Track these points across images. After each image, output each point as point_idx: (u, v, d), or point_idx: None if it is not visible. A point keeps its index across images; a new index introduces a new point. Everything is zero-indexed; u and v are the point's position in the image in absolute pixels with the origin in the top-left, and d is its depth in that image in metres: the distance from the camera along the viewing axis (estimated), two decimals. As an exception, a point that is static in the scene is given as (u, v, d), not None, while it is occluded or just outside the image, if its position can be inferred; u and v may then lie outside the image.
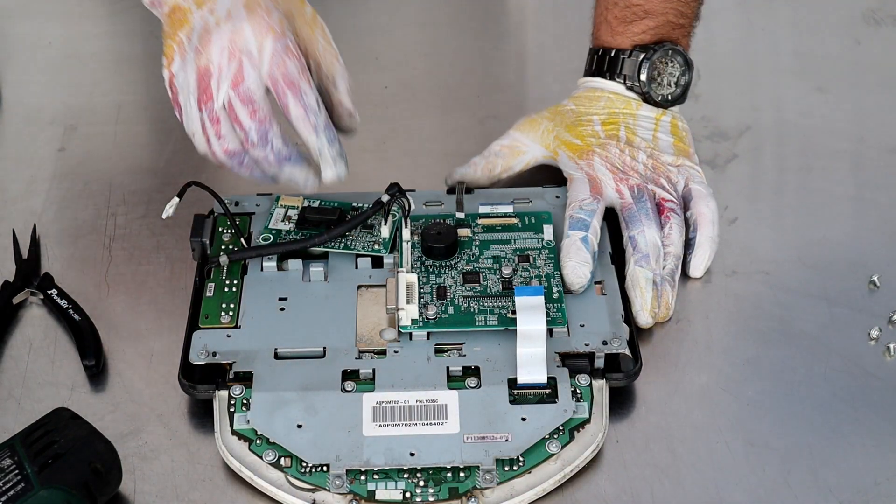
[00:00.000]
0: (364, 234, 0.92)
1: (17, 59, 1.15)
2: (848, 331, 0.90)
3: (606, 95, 0.98)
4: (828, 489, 0.80)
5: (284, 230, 0.93)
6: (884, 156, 1.04)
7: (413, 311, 0.86)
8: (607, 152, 0.95)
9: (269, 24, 0.84)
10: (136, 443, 0.83)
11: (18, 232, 0.97)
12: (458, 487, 0.79)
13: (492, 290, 0.88)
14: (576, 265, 0.89)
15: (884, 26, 1.16)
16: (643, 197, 0.93)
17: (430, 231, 0.91)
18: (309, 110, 0.85)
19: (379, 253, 0.91)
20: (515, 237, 0.92)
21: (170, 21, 0.86)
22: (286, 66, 0.84)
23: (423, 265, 0.90)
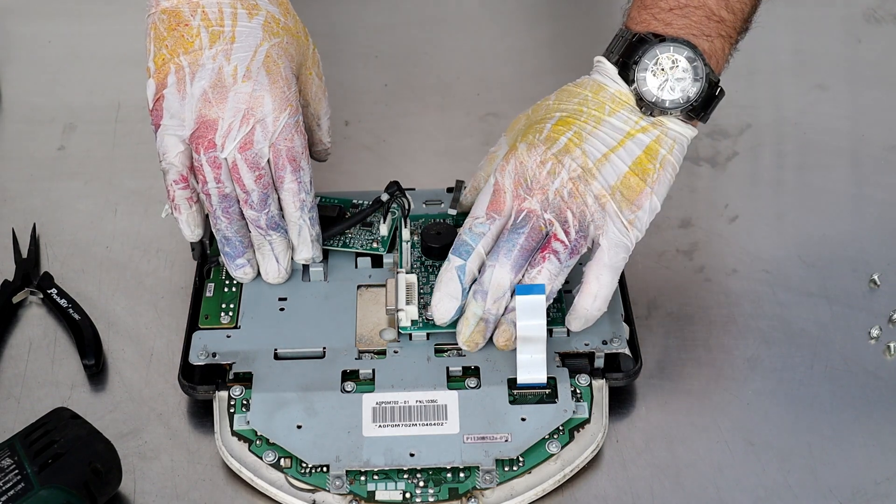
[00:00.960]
0: (363, 232, 0.92)
1: (17, 58, 1.15)
2: (848, 330, 0.90)
3: (585, 94, 0.85)
4: (828, 489, 0.80)
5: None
6: (884, 154, 1.04)
7: (413, 311, 0.86)
8: (526, 158, 0.84)
9: (287, 99, 0.85)
10: (136, 443, 0.83)
11: (18, 231, 0.97)
12: (457, 488, 0.79)
13: None
14: (441, 297, 0.84)
15: (884, 24, 1.16)
16: (522, 228, 0.82)
17: (429, 231, 0.91)
18: (302, 187, 0.87)
19: (377, 251, 0.91)
20: None
21: (168, 24, 0.85)
22: (293, 142, 0.86)
23: (423, 265, 0.90)
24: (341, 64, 1.13)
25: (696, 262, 0.95)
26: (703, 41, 0.84)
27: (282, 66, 0.86)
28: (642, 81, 0.83)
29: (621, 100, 0.84)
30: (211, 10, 0.85)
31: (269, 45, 0.85)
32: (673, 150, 0.84)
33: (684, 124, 0.84)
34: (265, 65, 0.85)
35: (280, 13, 0.87)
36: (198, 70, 0.84)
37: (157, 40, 0.85)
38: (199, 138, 0.84)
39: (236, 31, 0.85)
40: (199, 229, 0.88)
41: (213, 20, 0.85)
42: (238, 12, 0.86)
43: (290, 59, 0.87)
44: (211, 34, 0.85)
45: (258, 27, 0.86)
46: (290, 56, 0.87)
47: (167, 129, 0.85)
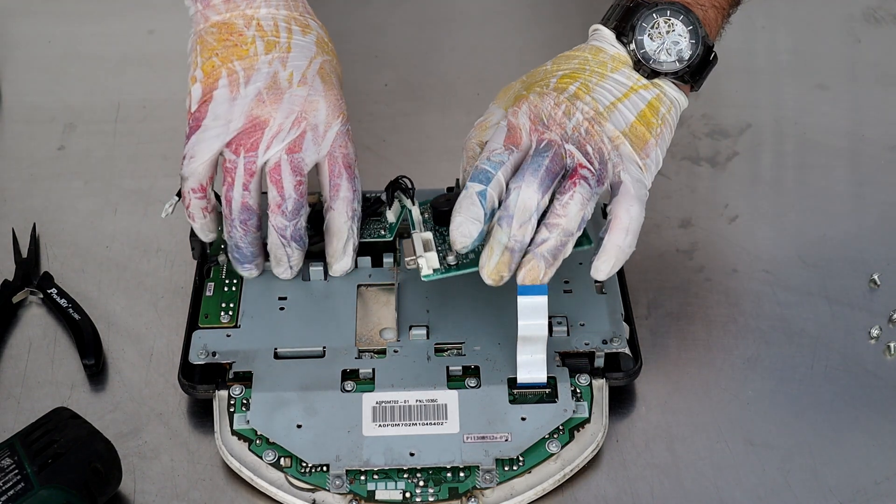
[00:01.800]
0: (371, 223, 0.92)
1: (18, 57, 1.15)
2: (848, 329, 0.90)
3: (584, 56, 0.85)
4: (828, 489, 0.80)
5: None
6: (884, 154, 1.04)
7: (433, 258, 0.84)
8: (540, 101, 0.83)
9: (341, 107, 0.86)
10: (136, 442, 0.83)
11: (18, 231, 0.97)
12: (457, 487, 0.79)
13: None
14: (463, 221, 0.79)
15: (884, 24, 1.16)
16: (545, 152, 0.80)
17: (439, 199, 0.89)
18: (356, 196, 0.87)
19: (385, 238, 0.91)
20: None
21: (219, 36, 0.86)
22: (348, 149, 0.86)
23: (437, 232, 0.88)
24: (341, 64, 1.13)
25: (696, 262, 0.95)
26: (698, 10, 0.85)
27: (334, 78, 0.87)
28: (640, 43, 0.83)
29: (621, 60, 0.84)
30: (266, 23, 0.86)
31: (322, 59, 0.87)
32: (671, 110, 0.84)
33: (678, 91, 0.85)
34: (320, 74, 0.86)
35: (326, 37, 0.89)
36: (252, 74, 0.85)
37: (205, 51, 0.86)
38: (244, 138, 0.84)
39: (292, 43, 0.86)
40: (213, 234, 0.89)
41: (267, 31, 0.86)
42: (292, 28, 0.87)
43: (338, 75, 0.89)
44: (266, 43, 0.86)
45: (312, 42, 0.87)
46: (339, 76, 0.89)
47: (207, 130, 0.84)
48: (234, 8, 0.87)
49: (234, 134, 0.84)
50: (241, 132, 0.84)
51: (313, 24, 0.89)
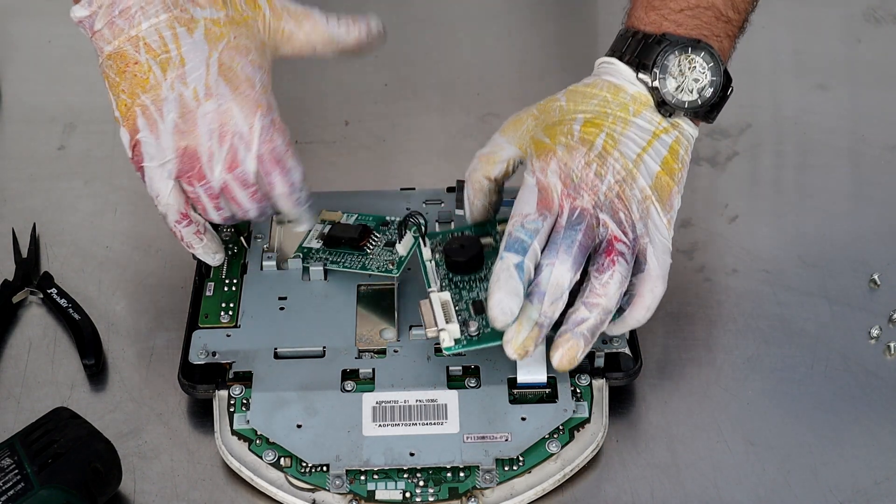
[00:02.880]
0: (384, 252, 0.90)
1: (18, 57, 1.15)
2: (848, 329, 0.90)
3: (603, 95, 0.83)
4: (828, 489, 0.80)
5: (315, 249, 0.91)
6: (884, 154, 1.04)
7: (455, 330, 0.82)
8: (569, 158, 0.81)
9: (254, 100, 0.83)
10: (136, 442, 0.83)
11: (18, 231, 0.97)
12: (458, 487, 0.79)
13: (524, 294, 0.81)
14: (503, 297, 0.77)
15: (884, 24, 1.16)
16: (578, 225, 0.79)
17: (452, 245, 0.86)
18: (293, 189, 0.85)
19: (389, 273, 0.88)
20: None
21: (117, 69, 0.83)
22: (273, 142, 0.83)
23: (452, 282, 0.86)
24: (341, 64, 1.13)
25: (696, 262, 0.95)
26: (714, 41, 0.83)
27: (238, 67, 0.83)
28: (663, 83, 0.82)
29: (641, 100, 0.82)
30: (152, 40, 0.82)
31: (217, 52, 0.82)
32: (688, 150, 0.83)
33: (692, 125, 0.84)
34: (221, 74, 0.82)
35: (216, 10, 0.83)
36: (162, 105, 0.82)
37: (113, 88, 0.83)
38: (188, 172, 0.83)
39: (182, 53, 0.82)
40: (219, 254, 0.88)
41: (157, 49, 0.82)
42: (178, 31, 0.82)
43: (246, 51, 0.83)
44: (160, 64, 0.82)
45: (201, 40, 0.82)
46: (245, 48, 0.83)
47: (152, 170, 0.83)
48: (118, 32, 0.82)
49: (177, 167, 0.83)
50: (181, 168, 0.83)
51: (196, 11, 0.82)
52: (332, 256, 0.90)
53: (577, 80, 1.01)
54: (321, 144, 1.06)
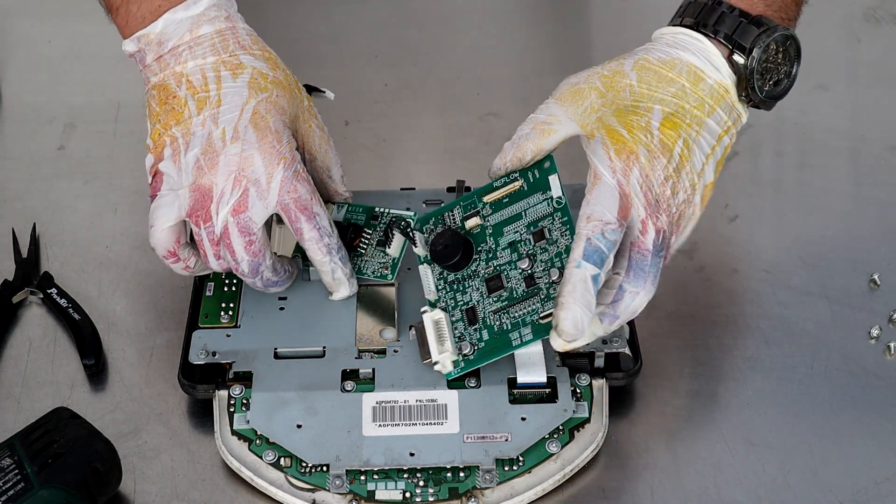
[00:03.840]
0: (377, 254, 0.88)
1: (17, 57, 1.15)
2: (848, 329, 0.90)
3: (681, 83, 0.78)
4: (828, 489, 0.80)
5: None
6: (884, 153, 1.04)
7: (450, 355, 0.82)
8: (651, 169, 0.77)
9: (279, 152, 0.82)
10: (136, 442, 0.83)
11: (18, 231, 0.97)
12: (458, 487, 0.79)
13: (517, 292, 0.82)
14: (578, 313, 0.75)
15: (884, 24, 1.16)
16: (661, 252, 0.78)
17: (436, 246, 0.84)
18: (322, 232, 0.84)
19: (384, 278, 0.87)
20: (525, 207, 0.84)
21: (159, 99, 0.83)
22: (297, 192, 0.83)
23: (445, 282, 0.84)
24: (341, 64, 1.14)
25: (696, 262, 0.95)
26: (790, 25, 0.82)
27: (271, 120, 0.83)
28: (752, 71, 0.79)
29: (719, 94, 0.79)
30: (195, 78, 0.83)
31: (255, 101, 0.83)
32: (729, 148, 0.82)
33: (747, 111, 0.82)
34: (252, 122, 0.82)
35: (268, 67, 0.85)
36: (190, 139, 0.82)
37: (151, 116, 0.84)
38: (199, 209, 0.82)
39: (221, 94, 0.83)
40: (210, 270, 0.87)
41: (197, 87, 0.83)
42: (222, 75, 0.83)
43: (282, 111, 0.84)
44: (197, 101, 0.82)
45: (244, 85, 0.83)
46: (282, 109, 0.84)
47: (162, 198, 0.83)
48: (165, 66, 0.83)
49: (189, 205, 0.82)
50: (193, 204, 0.82)
51: (247, 58, 0.84)
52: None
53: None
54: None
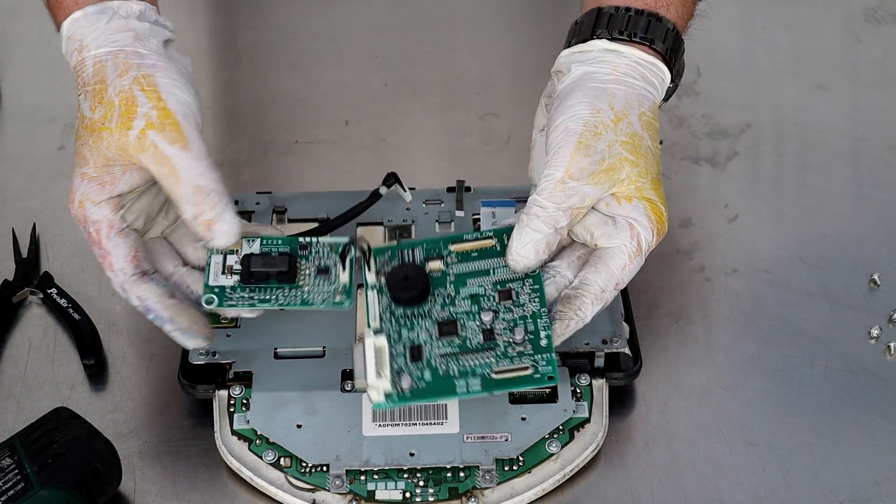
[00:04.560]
0: (322, 282, 0.80)
1: (17, 57, 1.15)
2: (848, 329, 0.90)
3: (651, 97, 0.81)
4: (828, 489, 0.80)
5: (228, 287, 0.79)
6: (884, 153, 1.04)
7: (385, 385, 0.76)
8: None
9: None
10: (136, 442, 0.83)
11: (18, 231, 0.97)
12: (458, 487, 0.79)
13: (472, 342, 0.78)
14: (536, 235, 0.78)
15: (884, 24, 1.16)
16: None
17: (396, 276, 0.80)
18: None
19: (341, 306, 0.79)
20: (494, 265, 0.81)
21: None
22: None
23: (393, 315, 0.80)
24: (341, 64, 1.13)
25: (696, 262, 0.95)
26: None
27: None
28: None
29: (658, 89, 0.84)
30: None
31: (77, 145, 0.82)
32: None
33: None
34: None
35: (87, 107, 0.81)
36: None
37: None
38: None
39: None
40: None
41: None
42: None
43: (85, 160, 0.81)
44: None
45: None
46: (84, 158, 0.81)
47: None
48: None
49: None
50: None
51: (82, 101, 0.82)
52: (256, 294, 0.80)
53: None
54: (321, 144, 1.06)
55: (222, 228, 0.78)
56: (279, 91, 1.12)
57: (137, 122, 0.77)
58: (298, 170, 1.03)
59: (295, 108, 1.10)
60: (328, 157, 1.05)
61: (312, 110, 1.10)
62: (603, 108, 0.79)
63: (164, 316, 0.78)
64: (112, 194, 0.79)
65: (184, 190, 0.77)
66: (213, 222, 0.77)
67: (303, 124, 1.08)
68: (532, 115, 0.87)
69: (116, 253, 0.78)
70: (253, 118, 1.09)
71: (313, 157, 1.04)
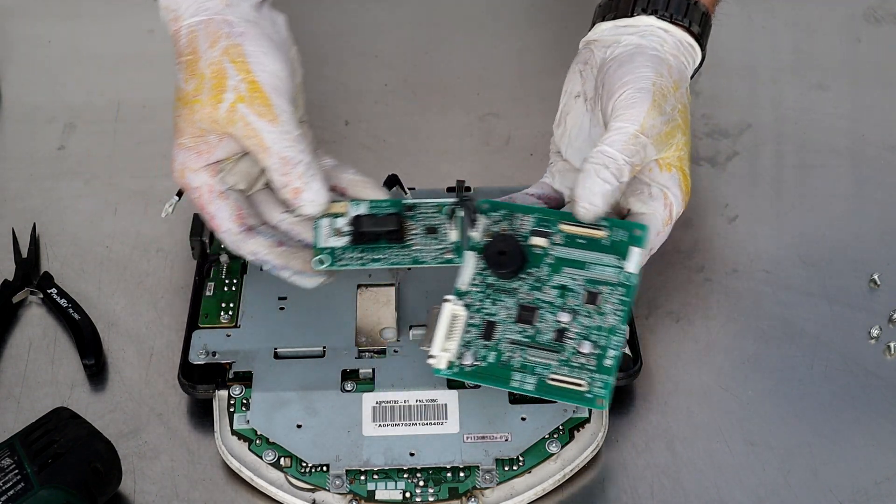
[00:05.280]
0: (430, 241, 0.81)
1: (17, 57, 1.15)
2: (848, 329, 0.90)
3: (687, 76, 0.85)
4: (828, 489, 0.80)
5: (339, 248, 0.81)
6: (884, 153, 1.04)
7: (450, 354, 0.77)
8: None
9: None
10: (136, 442, 0.83)
11: (18, 231, 0.97)
12: (457, 487, 0.79)
13: (543, 337, 0.78)
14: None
15: (884, 24, 1.16)
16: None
17: (497, 245, 0.80)
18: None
19: (451, 262, 0.80)
20: (594, 260, 0.80)
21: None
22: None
23: (483, 281, 0.80)
24: (341, 64, 1.13)
25: (696, 261, 0.95)
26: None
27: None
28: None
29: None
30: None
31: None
32: None
33: None
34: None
35: (182, 79, 0.82)
36: None
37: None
38: None
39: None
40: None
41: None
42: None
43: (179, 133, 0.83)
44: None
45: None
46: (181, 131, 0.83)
47: None
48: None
49: None
50: None
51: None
52: (368, 254, 0.81)
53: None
54: (321, 144, 1.06)
55: (309, 197, 0.81)
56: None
57: (227, 94, 0.79)
58: (298, 170, 1.03)
59: (295, 108, 1.10)
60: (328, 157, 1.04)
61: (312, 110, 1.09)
62: (665, 74, 0.82)
63: (278, 264, 0.81)
64: (209, 161, 0.81)
65: (272, 161, 0.80)
66: (300, 191, 0.80)
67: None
68: (532, 114, 0.87)
69: (220, 215, 0.81)
70: (253, 118, 1.09)
71: (313, 157, 1.04)
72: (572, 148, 0.86)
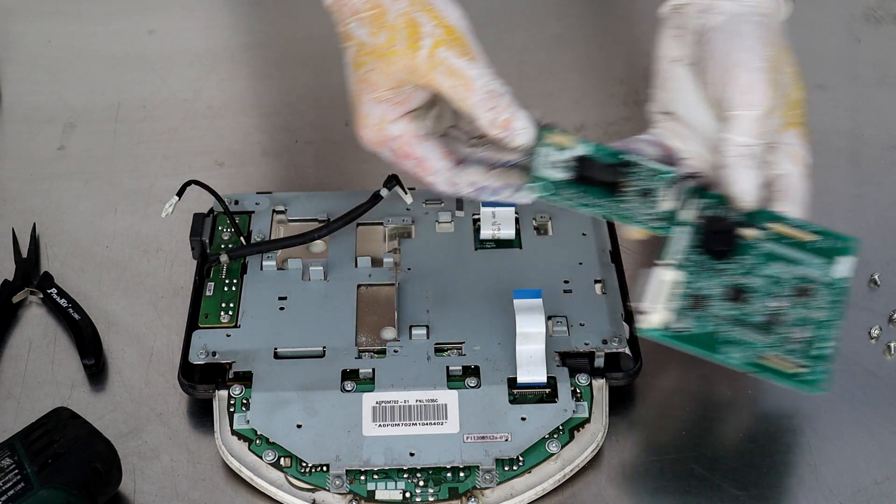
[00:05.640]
0: (641, 203, 0.80)
1: (17, 57, 1.15)
2: (848, 329, 0.89)
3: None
4: (828, 489, 0.80)
5: (557, 181, 0.80)
6: (884, 153, 1.04)
7: (665, 315, 0.77)
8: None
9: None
10: (136, 442, 0.83)
11: (18, 231, 0.97)
12: (457, 487, 0.79)
13: (753, 318, 0.78)
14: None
15: (884, 24, 1.16)
16: None
17: (714, 225, 0.80)
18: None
19: (657, 231, 0.80)
20: (802, 259, 0.80)
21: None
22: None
23: (690, 259, 0.80)
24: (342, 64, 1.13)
25: (696, 261, 0.95)
26: None
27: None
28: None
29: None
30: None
31: (353, 80, 0.85)
32: None
33: None
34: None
35: (368, 34, 0.83)
36: None
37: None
38: None
39: None
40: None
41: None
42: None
43: (375, 86, 0.83)
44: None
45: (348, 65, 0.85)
46: (374, 84, 0.83)
47: None
48: None
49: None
50: None
51: (355, 28, 0.83)
52: (583, 197, 0.80)
53: (577, 80, 1.01)
54: (321, 144, 1.06)
55: (521, 125, 0.80)
56: (279, 91, 1.12)
57: (424, 41, 0.80)
58: (298, 170, 1.03)
59: (295, 108, 1.10)
60: (328, 157, 1.05)
61: (312, 110, 1.10)
62: (773, 42, 0.83)
63: (500, 185, 0.82)
64: (407, 111, 0.82)
65: (477, 98, 0.80)
66: (510, 121, 0.80)
67: (303, 124, 1.08)
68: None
69: (430, 154, 0.82)
70: (253, 118, 1.09)
71: (313, 157, 1.04)
72: (688, 109, 0.85)
